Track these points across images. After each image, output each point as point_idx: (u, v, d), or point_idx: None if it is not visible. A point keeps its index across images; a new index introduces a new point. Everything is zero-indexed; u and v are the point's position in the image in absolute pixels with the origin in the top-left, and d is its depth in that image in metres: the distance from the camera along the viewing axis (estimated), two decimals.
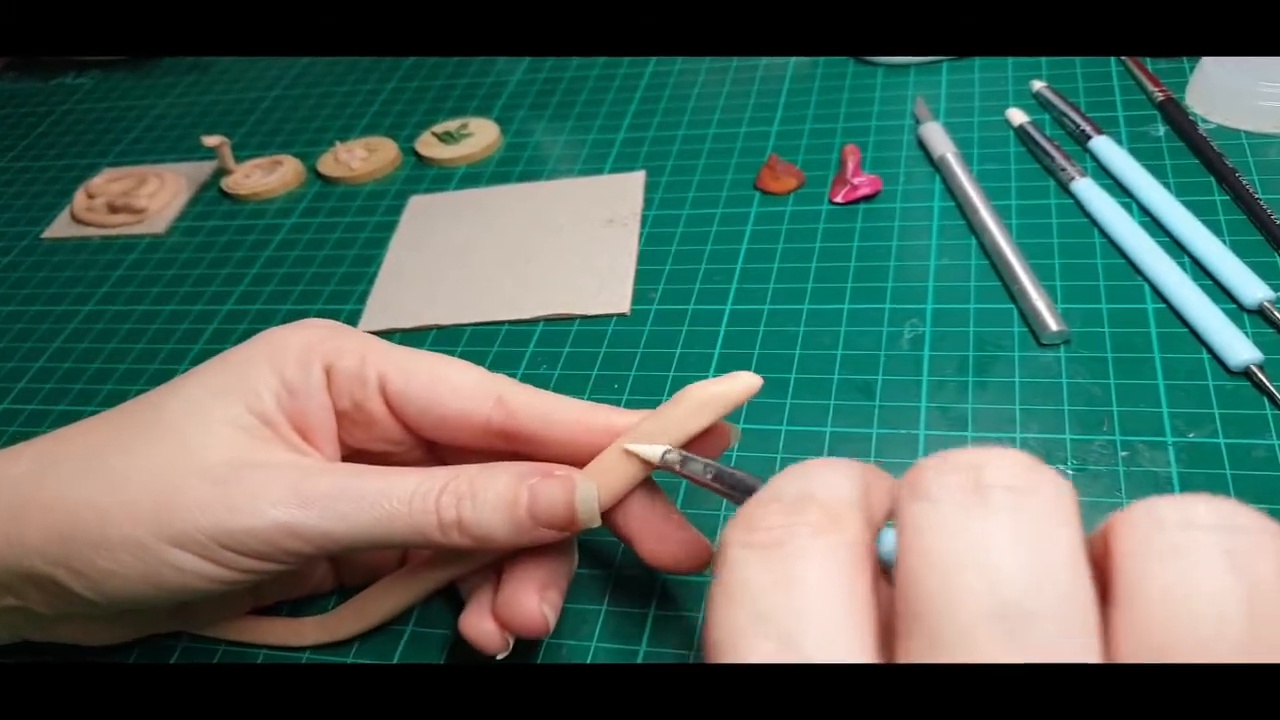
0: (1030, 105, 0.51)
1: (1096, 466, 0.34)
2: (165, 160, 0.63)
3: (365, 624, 0.32)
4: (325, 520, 0.26)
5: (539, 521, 0.26)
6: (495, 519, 0.26)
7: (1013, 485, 0.16)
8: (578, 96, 0.61)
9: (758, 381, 0.26)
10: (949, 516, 0.16)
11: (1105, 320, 0.39)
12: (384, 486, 0.26)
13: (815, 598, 0.16)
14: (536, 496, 0.26)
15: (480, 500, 0.26)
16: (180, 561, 0.26)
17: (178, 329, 0.49)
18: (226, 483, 0.26)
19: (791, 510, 0.18)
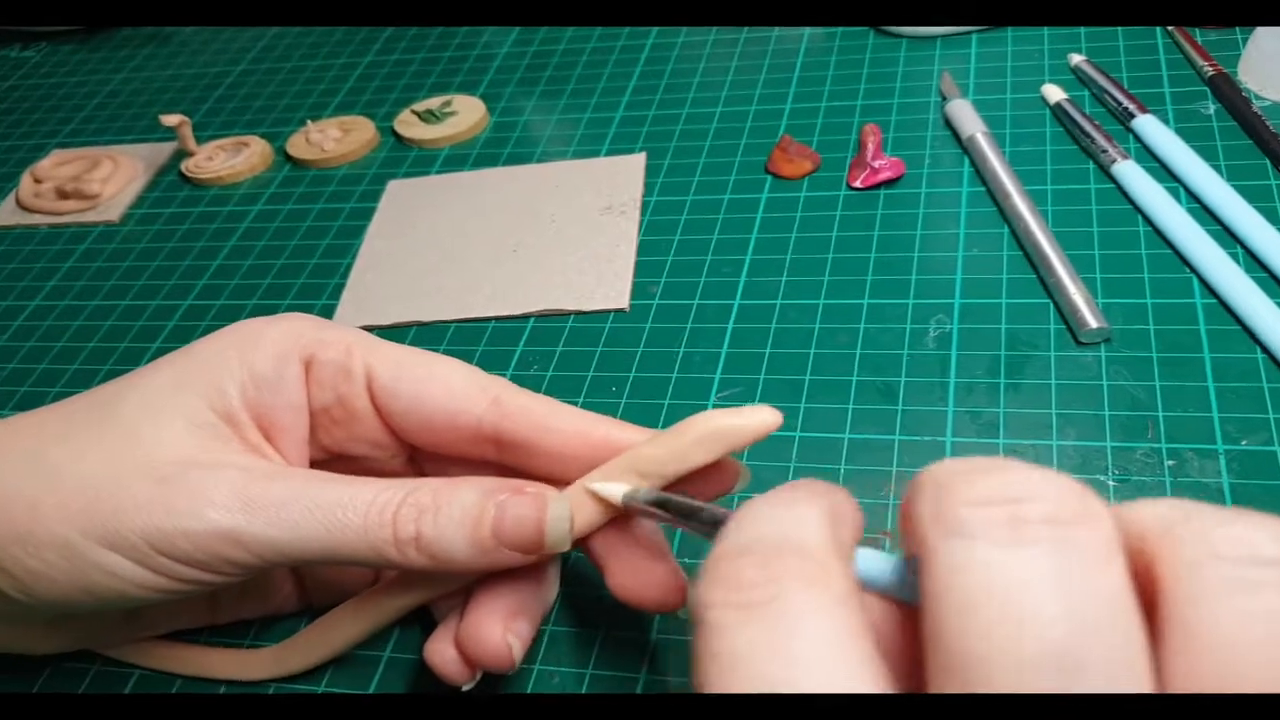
0: (1068, 81, 0.51)
1: (1140, 477, 0.34)
2: (120, 141, 0.63)
3: (326, 652, 0.32)
4: (272, 528, 0.25)
5: (503, 542, 0.26)
6: (456, 537, 0.26)
7: (1055, 518, 0.16)
8: (572, 71, 0.61)
9: (776, 419, 0.26)
10: (988, 556, 0.16)
11: (1150, 316, 0.39)
12: (340, 495, 0.26)
13: (815, 659, 0.16)
14: (504, 515, 0.26)
15: (442, 516, 0.26)
16: (110, 564, 0.25)
17: (133, 326, 0.49)
18: (169, 482, 0.26)
19: (769, 563, 0.17)
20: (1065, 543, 0.16)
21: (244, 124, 0.63)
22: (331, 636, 0.31)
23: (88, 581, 0.26)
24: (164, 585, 0.26)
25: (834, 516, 0.19)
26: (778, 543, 0.18)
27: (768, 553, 0.18)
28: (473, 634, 0.27)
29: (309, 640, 0.32)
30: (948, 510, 0.17)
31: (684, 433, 0.26)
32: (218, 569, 0.26)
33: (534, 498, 0.26)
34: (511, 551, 0.26)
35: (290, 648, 0.32)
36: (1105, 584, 0.16)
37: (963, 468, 0.18)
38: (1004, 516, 0.16)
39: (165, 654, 0.33)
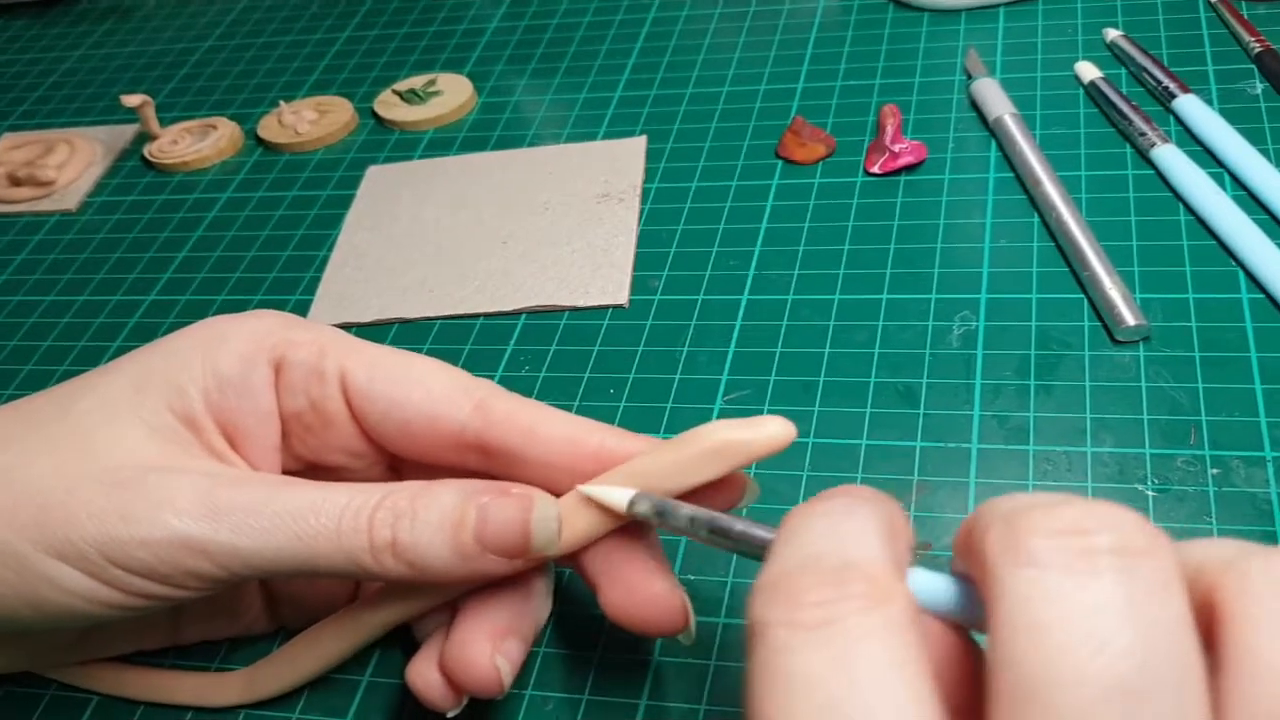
0: (1104, 58, 0.51)
1: (1182, 486, 0.34)
2: (77, 123, 0.63)
3: (301, 675, 0.32)
4: (239, 537, 0.25)
5: (488, 547, 0.26)
6: (436, 542, 0.26)
7: (1123, 549, 0.18)
8: (566, 48, 0.61)
9: (789, 433, 0.25)
10: (1058, 585, 0.17)
11: (1192, 313, 0.39)
12: (312, 500, 0.26)
13: (882, 684, 0.17)
14: (486, 517, 0.26)
15: (420, 520, 0.26)
16: (61, 577, 0.25)
17: (91, 324, 0.49)
18: (125, 487, 0.25)
19: (835, 581, 0.18)
20: (1133, 572, 0.17)
21: (211, 105, 0.63)
22: (306, 658, 0.31)
23: (36, 596, 0.25)
24: (120, 600, 0.26)
25: (891, 530, 0.20)
26: (840, 560, 0.19)
27: (830, 571, 0.19)
28: (458, 655, 0.27)
29: (282, 662, 0.32)
30: (1019, 541, 0.18)
31: (688, 445, 0.26)
32: (180, 582, 0.26)
33: (519, 498, 0.26)
34: (496, 557, 0.26)
35: (262, 670, 0.32)
36: (1170, 613, 0.17)
37: (1030, 501, 0.19)
38: (1075, 547, 0.18)
39: (125, 678, 0.33)
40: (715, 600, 0.33)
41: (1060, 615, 0.17)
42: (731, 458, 0.25)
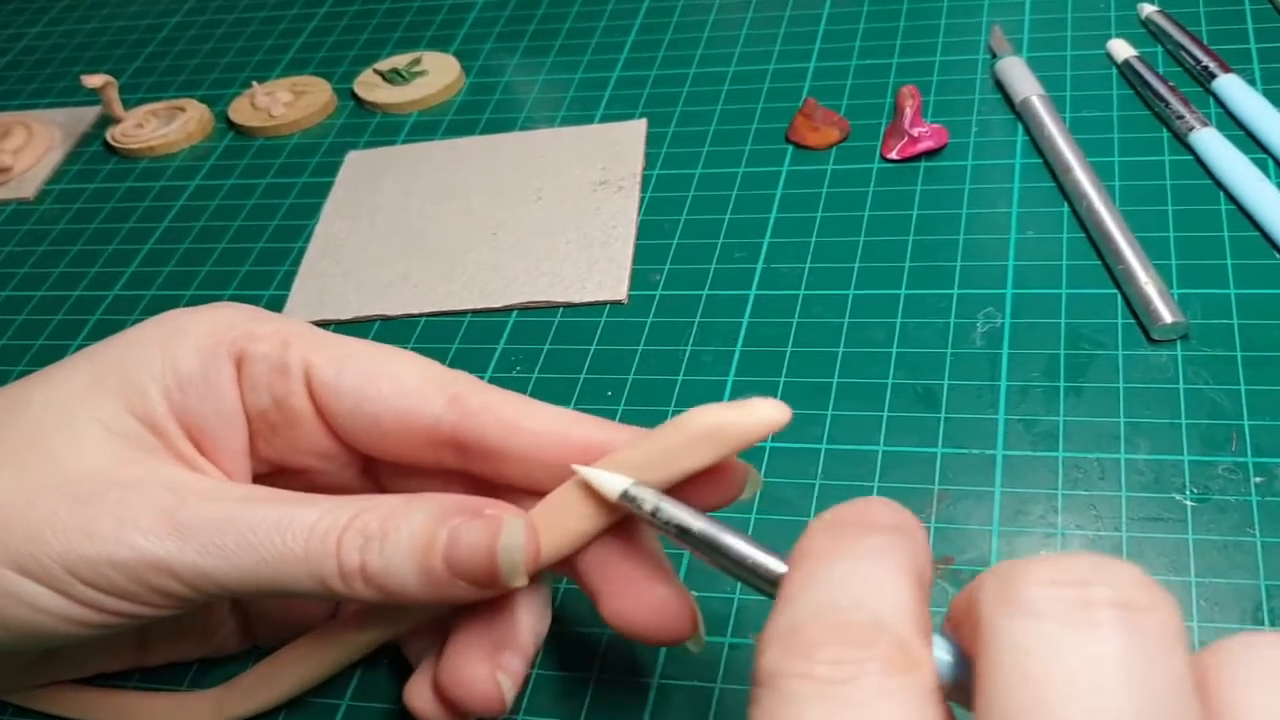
0: (1138, 35, 0.51)
1: (1223, 496, 0.34)
2: (35, 105, 0.63)
3: (275, 696, 0.32)
4: (205, 557, 0.25)
5: (456, 574, 0.26)
6: (405, 568, 0.26)
7: (1125, 603, 0.18)
8: (560, 25, 0.61)
9: (783, 414, 0.25)
10: (1056, 637, 0.17)
11: (1233, 309, 0.39)
12: (280, 518, 0.26)
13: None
14: (457, 541, 0.26)
15: (390, 543, 0.26)
16: (27, 593, 0.25)
17: (50, 320, 0.49)
18: (88, 501, 0.26)
19: (860, 641, 0.18)
20: (1134, 628, 0.17)
21: (179, 85, 0.63)
22: (281, 678, 0.31)
23: (3, 614, 0.26)
24: (89, 619, 0.26)
25: (920, 579, 0.20)
26: (867, 616, 0.19)
27: (856, 628, 0.19)
28: (455, 674, 0.27)
29: (255, 682, 0.32)
30: (1015, 590, 0.18)
31: (676, 430, 0.25)
32: (149, 600, 0.26)
33: (488, 521, 0.26)
34: (467, 585, 0.26)
35: (233, 691, 0.32)
36: (1171, 674, 0.17)
37: (1028, 558, 0.19)
38: (1074, 598, 0.18)
39: (88, 700, 0.33)
40: (721, 618, 0.33)
41: (1056, 668, 0.17)
42: (723, 443, 0.25)
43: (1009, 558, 0.33)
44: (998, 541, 0.34)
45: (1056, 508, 0.34)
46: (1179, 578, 0.32)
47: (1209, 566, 0.32)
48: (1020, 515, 0.34)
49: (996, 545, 0.34)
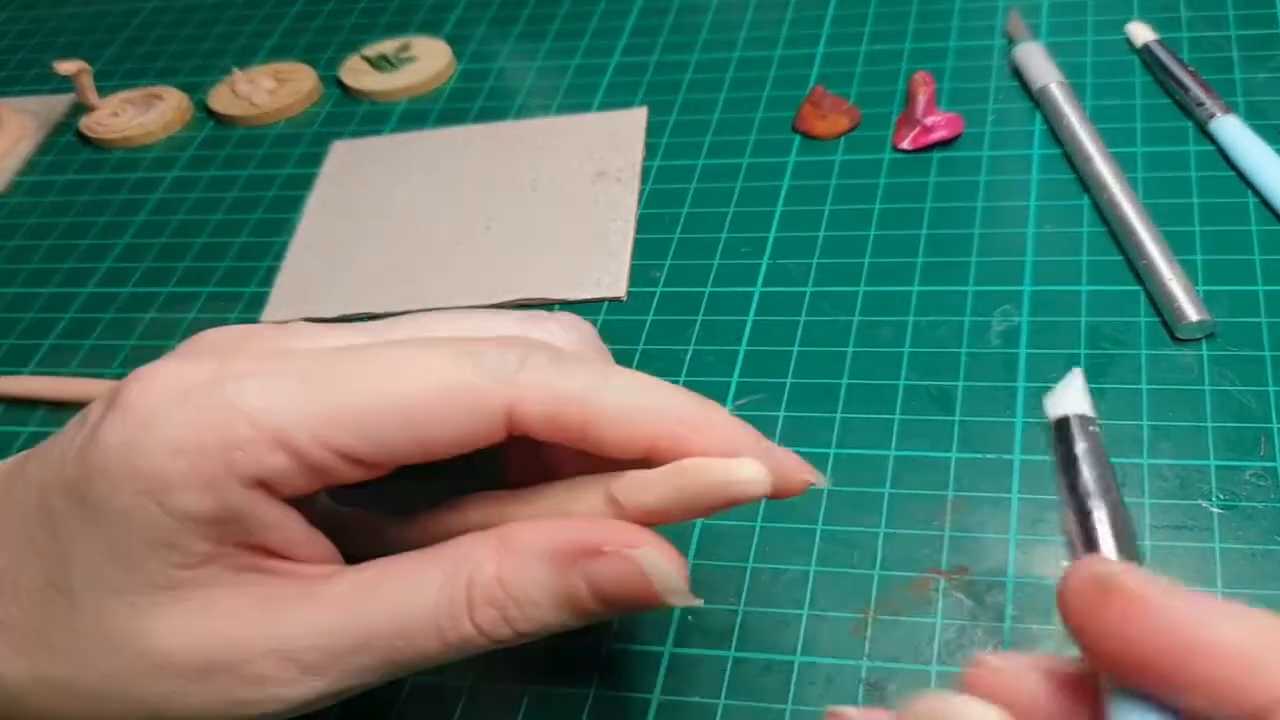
0: (1162, 19, 0.51)
1: (1250, 502, 0.34)
2: (5, 94, 0.63)
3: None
4: (344, 681, 0.27)
5: (617, 608, 0.27)
6: (558, 620, 0.27)
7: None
8: (557, 8, 0.61)
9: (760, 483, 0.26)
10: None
11: (1261, 307, 0.39)
12: (394, 622, 0.27)
13: None
14: (600, 586, 0.27)
15: (526, 604, 0.27)
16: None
17: (21, 319, 0.49)
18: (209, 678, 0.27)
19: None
20: None
21: (156, 72, 0.63)
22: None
23: None
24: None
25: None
26: None
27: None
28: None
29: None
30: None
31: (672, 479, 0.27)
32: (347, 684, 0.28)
33: (621, 559, 0.27)
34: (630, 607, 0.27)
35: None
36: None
37: None
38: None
39: None
40: (724, 631, 0.33)
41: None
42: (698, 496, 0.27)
43: (1027, 568, 0.33)
44: (1015, 551, 0.34)
45: None
46: (1205, 588, 0.32)
47: (1237, 576, 0.32)
48: (1039, 523, 0.34)
49: (1014, 555, 0.34)
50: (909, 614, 0.33)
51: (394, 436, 0.27)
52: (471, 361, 0.27)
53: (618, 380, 0.28)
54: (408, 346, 0.28)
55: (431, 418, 0.27)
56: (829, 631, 0.33)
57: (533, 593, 0.27)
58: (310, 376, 0.27)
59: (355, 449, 0.26)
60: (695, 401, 0.28)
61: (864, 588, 0.34)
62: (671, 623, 0.34)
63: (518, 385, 0.27)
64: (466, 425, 0.27)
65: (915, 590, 0.33)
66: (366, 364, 0.27)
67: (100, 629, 0.27)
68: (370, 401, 0.26)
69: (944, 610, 0.33)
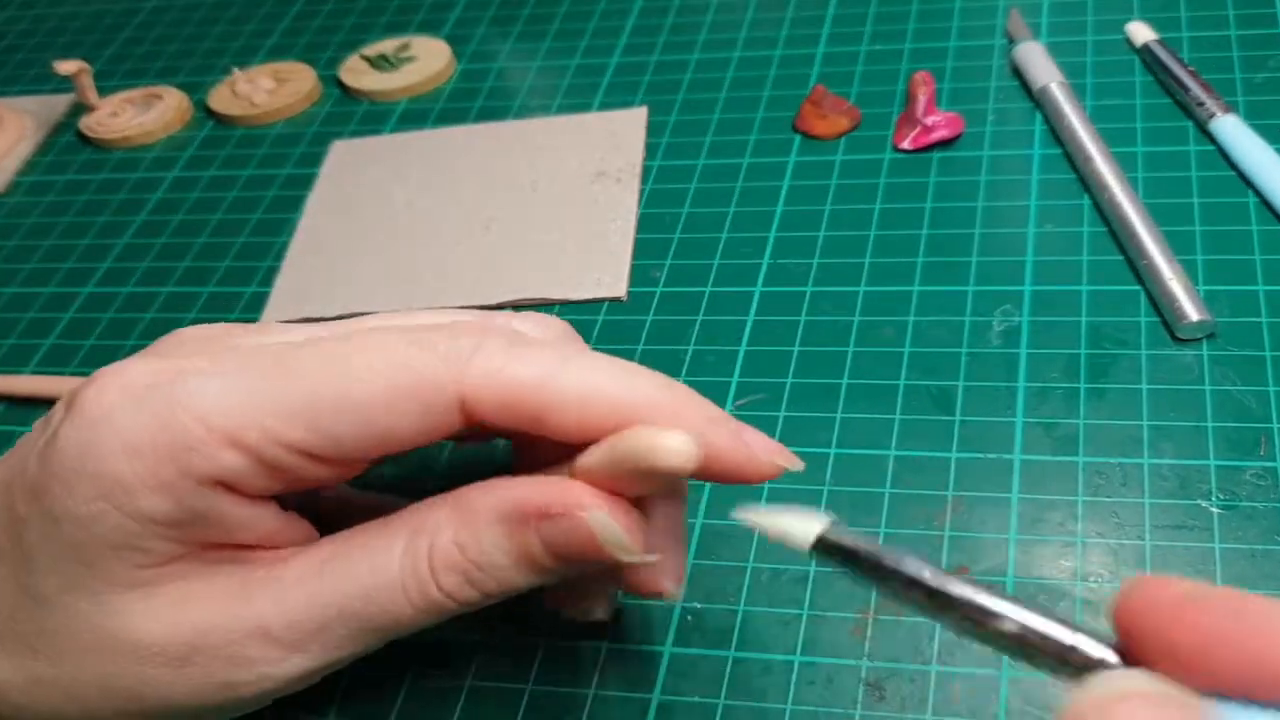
0: (1160, 19, 0.51)
1: (1250, 502, 0.34)
2: (5, 93, 0.63)
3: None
4: (328, 653, 0.28)
5: (570, 561, 0.27)
6: (519, 579, 0.27)
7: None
8: (557, 8, 0.61)
9: (683, 453, 0.25)
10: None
11: (1262, 307, 0.39)
12: (363, 593, 0.27)
13: None
14: (553, 542, 0.27)
15: (487, 566, 0.27)
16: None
17: (20, 319, 0.49)
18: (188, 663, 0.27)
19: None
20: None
21: (156, 72, 0.63)
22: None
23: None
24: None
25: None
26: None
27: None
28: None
29: None
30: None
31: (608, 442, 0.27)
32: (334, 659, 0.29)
33: (567, 519, 0.27)
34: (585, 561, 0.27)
35: None
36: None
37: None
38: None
39: None
40: (724, 630, 0.33)
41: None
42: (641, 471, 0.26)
43: (1027, 568, 0.33)
44: (1015, 551, 0.34)
45: (1077, 515, 0.34)
46: None
47: (1237, 576, 0.32)
48: (1039, 523, 0.34)
49: (1014, 554, 0.34)
50: (909, 614, 0.33)
51: (347, 430, 0.26)
52: (420, 349, 0.27)
53: (576, 365, 0.27)
54: (359, 336, 0.28)
55: (382, 409, 0.26)
56: (829, 631, 0.33)
57: (492, 555, 0.27)
58: (261, 373, 0.27)
59: (310, 444, 0.26)
60: (661, 387, 0.27)
61: (864, 587, 0.34)
62: (671, 623, 0.34)
63: (470, 372, 0.26)
64: (418, 415, 0.26)
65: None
66: (316, 357, 0.27)
67: (76, 629, 0.27)
68: (319, 394, 0.26)
69: None
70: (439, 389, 0.26)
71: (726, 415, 0.28)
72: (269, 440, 0.26)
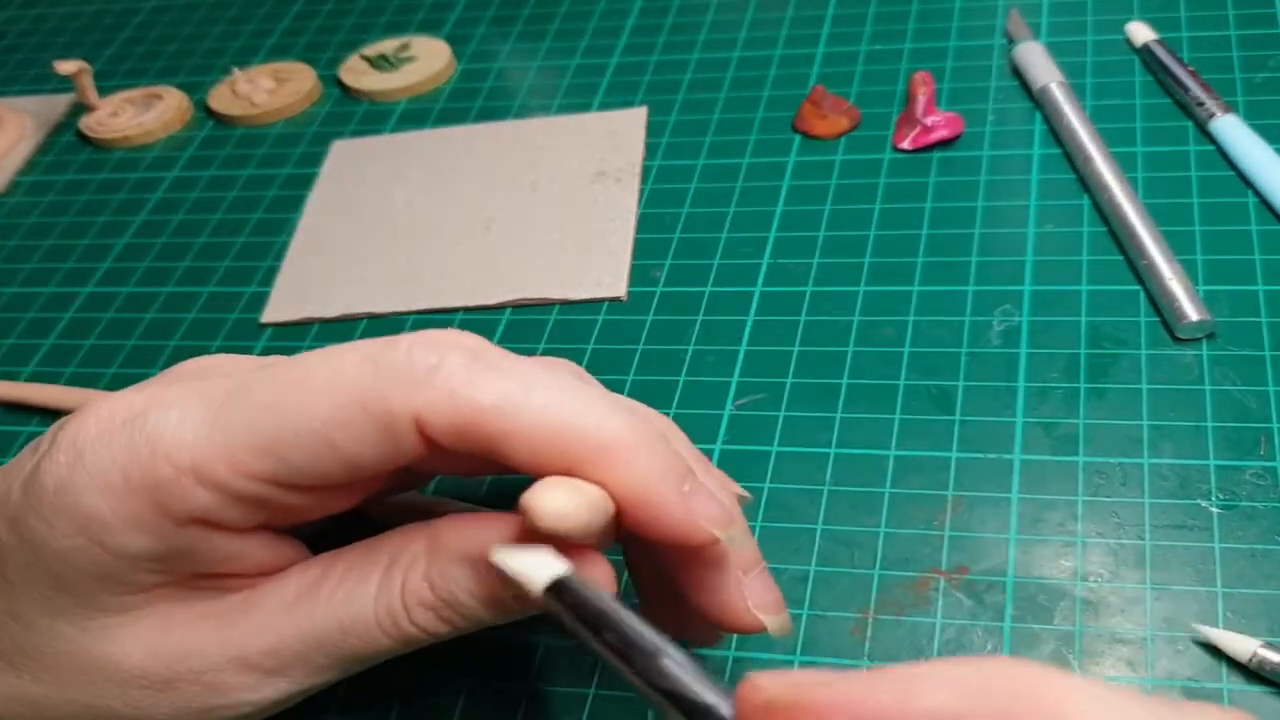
0: (1160, 19, 0.51)
1: (1250, 502, 0.34)
2: (5, 93, 0.63)
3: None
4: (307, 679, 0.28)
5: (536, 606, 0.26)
6: (491, 616, 0.27)
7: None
8: (556, 8, 0.61)
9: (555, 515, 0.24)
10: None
11: (1262, 307, 0.39)
12: (340, 624, 0.27)
13: None
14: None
15: (455, 604, 0.27)
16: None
17: (21, 319, 0.49)
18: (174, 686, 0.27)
19: None
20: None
21: (156, 72, 0.63)
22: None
23: None
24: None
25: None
26: None
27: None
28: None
29: None
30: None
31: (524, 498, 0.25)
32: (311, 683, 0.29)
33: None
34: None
35: None
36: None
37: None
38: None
39: None
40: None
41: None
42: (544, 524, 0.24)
43: (1027, 568, 0.33)
44: (1014, 550, 0.34)
45: (1076, 515, 0.34)
46: (1204, 588, 0.32)
47: (1236, 576, 0.32)
48: (1039, 523, 0.34)
49: (1013, 554, 0.34)
50: (909, 614, 0.33)
51: (306, 455, 0.25)
52: (374, 366, 0.25)
53: (541, 393, 0.25)
54: (315, 356, 0.26)
55: (339, 430, 0.25)
56: (829, 631, 0.33)
57: (459, 595, 0.27)
58: (217, 403, 0.26)
59: (277, 473, 0.25)
60: (627, 425, 0.25)
61: (864, 588, 0.34)
62: None
63: (425, 392, 0.25)
64: (376, 437, 0.25)
65: (915, 590, 0.33)
66: (271, 383, 0.26)
67: (58, 650, 0.27)
68: (276, 421, 0.25)
69: (944, 610, 0.33)
70: (393, 411, 0.25)
71: (683, 469, 0.26)
72: (236, 474, 0.25)
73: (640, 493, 0.25)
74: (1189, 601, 0.32)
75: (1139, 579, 0.33)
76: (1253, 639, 0.30)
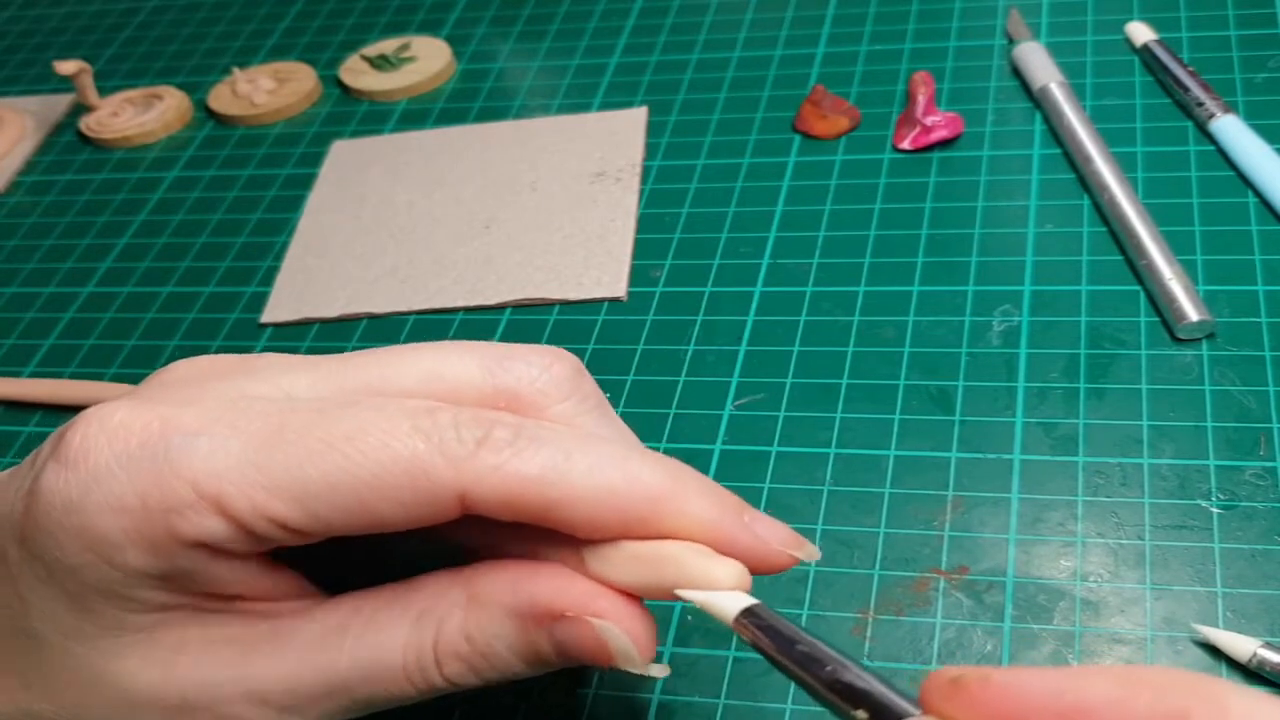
0: (1160, 19, 0.51)
1: (1250, 502, 0.34)
2: (5, 93, 0.63)
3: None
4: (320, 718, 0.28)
5: (576, 660, 0.27)
6: (524, 670, 0.27)
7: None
8: (557, 8, 0.61)
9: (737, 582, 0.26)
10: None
11: (1262, 307, 0.39)
12: (364, 671, 0.27)
13: None
14: (564, 646, 0.27)
15: (492, 657, 0.27)
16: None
17: (21, 319, 0.49)
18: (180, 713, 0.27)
19: None
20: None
21: (156, 72, 0.63)
22: None
23: None
24: None
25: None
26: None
27: None
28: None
29: None
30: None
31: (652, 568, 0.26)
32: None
33: (581, 624, 0.26)
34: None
35: None
36: None
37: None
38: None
39: None
40: (727, 631, 0.33)
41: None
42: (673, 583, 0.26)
43: (1026, 568, 0.33)
44: (1014, 550, 0.34)
45: (1076, 515, 0.34)
46: (1204, 588, 0.32)
47: (1236, 576, 0.32)
48: (1038, 523, 0.34)
49: (1013, 554, 0.34)
50: (909, 614, 0.33)
51: (337, 513, 0.26)
52: (424, 439, 0.26)
53: (582, 458, 0.26)
54: (362, 413, 0.26)
55: (377, 497, 0.25)
56: (829, 631, 0.33)
57: (498, 648, 0.27)
58: (256, 439, 0.26)
59: (297, 522, 0.26)
60: (669, 474, 0.26)
61: (864, 587, 0.34)
62: (671, 623, 0.34)
63: (472, 468, 0.25)
64: (413, 505, 0.26)
65: (915, 590, 0.33)
66: (314, 431, 0.26)
67: (70, 668, 0.27)
68: (312, 474, 0.25)
69: (944, 610, 0.33)
70: (439, 483, 0.26)
71: (735, 502, 0.27)
72: (256, 513, 0.25)
73: (706, 534, 0.26)
74: (1189, 602, 0.32)
75: (1139, 579, 0.33)
76: (1253, 639, 0.30)
